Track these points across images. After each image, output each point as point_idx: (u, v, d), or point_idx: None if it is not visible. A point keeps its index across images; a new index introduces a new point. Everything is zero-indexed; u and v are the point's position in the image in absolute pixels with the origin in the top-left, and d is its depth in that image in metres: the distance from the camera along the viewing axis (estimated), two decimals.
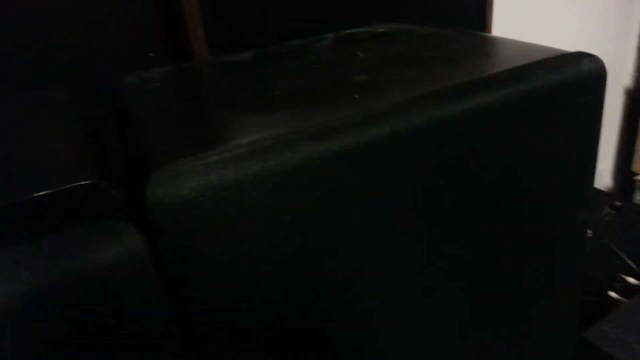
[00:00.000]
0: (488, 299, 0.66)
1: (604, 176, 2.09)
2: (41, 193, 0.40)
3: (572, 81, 0.56)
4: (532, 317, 0.73)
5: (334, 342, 0.55)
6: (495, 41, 0.76)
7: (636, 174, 2.02)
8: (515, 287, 0.68)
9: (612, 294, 1.27)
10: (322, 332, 0.54)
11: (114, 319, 0.40)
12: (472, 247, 0.60)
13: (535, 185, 0.61)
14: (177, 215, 0.42)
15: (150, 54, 1.05)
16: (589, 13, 1.66)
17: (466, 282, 0.63)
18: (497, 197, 0.59)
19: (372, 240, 0.52)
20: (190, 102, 0.65)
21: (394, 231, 0.53)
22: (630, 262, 1.34)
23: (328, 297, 0.52)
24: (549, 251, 0.68)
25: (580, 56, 0.57)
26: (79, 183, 0.41)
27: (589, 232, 1.33)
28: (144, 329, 0.42)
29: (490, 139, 0.54)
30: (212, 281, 0.45)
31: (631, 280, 1.29)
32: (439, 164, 0.53)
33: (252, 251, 0.45)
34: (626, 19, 1.80)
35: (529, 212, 0.63)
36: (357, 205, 0.49)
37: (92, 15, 0.94)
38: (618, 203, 1.55)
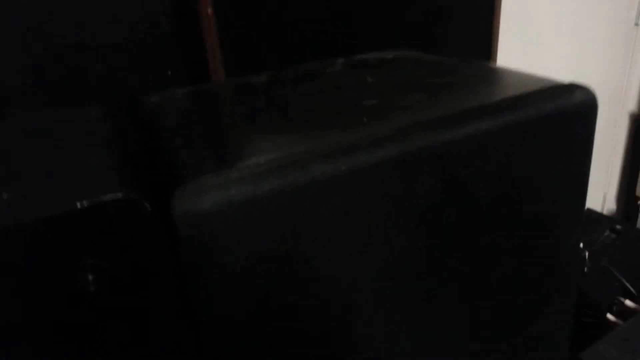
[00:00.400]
0: (482, 318, 0.69)
1: (607, 200, 2.12)
2: (81, 205, 0.44)
3: (565, 111, 0.60)
4: (525, 335, 0.76)
5: (341, 351, 0.59)
6: (495, 71, 0.80)
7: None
8: (509, 305, 0.71)
9: (610, 316, 1.29)
10: (329, 341, 0.57)
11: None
12: (469, 267, 0.64)
13: (529, 208, 0.64)
14: (199, 227, 0.46)
15: (168, 72, 1.10)
16: (595, 38, 1.70)
17: (460, 301, 0.66)
18: (493, 219, 0.63)
19: (376, 254, 0.56)
20: (210, 121, 0.70)
21: (396, 248, 0.57)
22: (628, 285, 1.36)
23: (336, 308, 0.56)
24: (542, 271, 0.71)
25: (573, 87, 0.62)
26: (115, 196, 0.45)
27: (586, 254, 1.36)
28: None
29: (487, 163, 0.58)
30: (228, 289, 0.49)
31: (629, 303, 1.31)
32: (440, 185, 0.57)
33: (267, 262, 0.49)
34: (632, 43, 1.83)
35: (522, 233, 0.66)
36: (365, 221, 0.53)
37: (114, 33, 0.99)
38: (618, 227, 1.58)
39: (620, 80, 1.88)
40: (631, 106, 1.97)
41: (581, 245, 1.38)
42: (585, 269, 1.40)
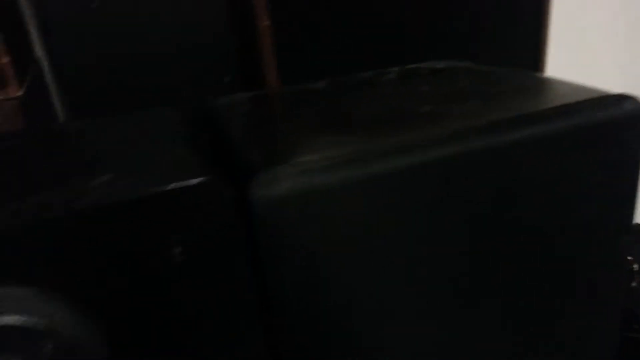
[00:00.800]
0: (525, 327, 0.71)
1: None
2: (169, 187, 0.51)
3: (613, 120, 0.63)
4: (570, 347, 0.77)
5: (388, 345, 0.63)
6: (545, 81, 0.83)
7: None
8: (554, 314, 0.73)
9: None
10: (379, 332, 0.62)
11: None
12: (514, 271, 0.66)
13: (576, 215, 0.67)
14: (274, 211, 0.52)
15: (226, 78, 1.18)
16: None
17: (503, 308, 0.68)
18: (539, 224, 0.66)
19: (430, 249, 0.61)
20: (277, 120, 0.77)
21: (448, 246, 0.61)
22: None
23: (389, 298, 0.61)
24: (589, 279, 0.73)
25: (622, 98, 0.64)
26: (200, 180, 0.51)
27: (636, 266, 1.35)
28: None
29: (537, 168, 0.62)
30: (298, 270, 0.55)
31: None
32: (491, 187, 0.61)
33: (333, 247, 0.55)
34: None
35: (569, 240, 0.69)
36: (421, 216, 0.58)
37: (179, 44, 1.07)
38: None
39: None
40: None
41: (630, 258, 1.37)
42: (634, 284, 1.38)
